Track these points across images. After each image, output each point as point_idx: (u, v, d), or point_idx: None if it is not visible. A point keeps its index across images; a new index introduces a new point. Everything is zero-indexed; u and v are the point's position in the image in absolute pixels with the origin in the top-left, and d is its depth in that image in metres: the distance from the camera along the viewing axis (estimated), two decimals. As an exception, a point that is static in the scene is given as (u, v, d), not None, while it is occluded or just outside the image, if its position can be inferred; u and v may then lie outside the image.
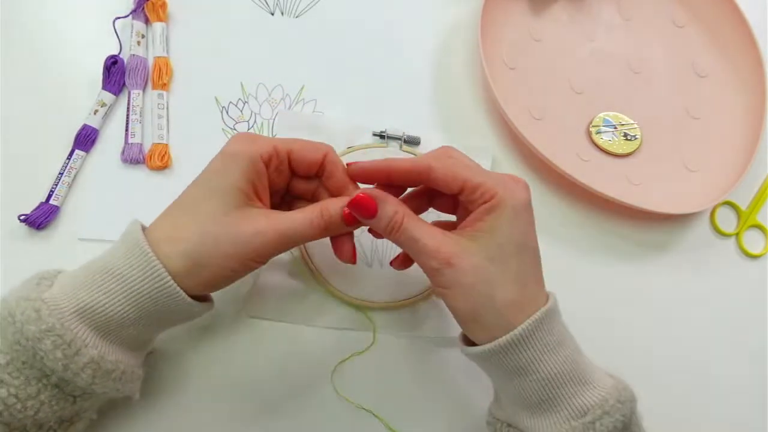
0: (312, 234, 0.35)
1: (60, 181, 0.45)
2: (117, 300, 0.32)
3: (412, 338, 0.46)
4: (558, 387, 0.33)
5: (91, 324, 0.31)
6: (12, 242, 0.44)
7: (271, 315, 0.44)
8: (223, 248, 0.33)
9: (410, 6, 0.56)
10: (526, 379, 0.33)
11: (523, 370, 0.33)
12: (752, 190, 0.56)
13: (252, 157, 0.34)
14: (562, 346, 0.33)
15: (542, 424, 0.33)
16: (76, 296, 0.31)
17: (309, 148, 0.36)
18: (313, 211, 0.35)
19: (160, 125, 0.48)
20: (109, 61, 0.48)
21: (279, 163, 0.36)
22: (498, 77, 0.52)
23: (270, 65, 0.52)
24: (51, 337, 0.30)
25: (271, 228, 0.33)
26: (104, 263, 0.33)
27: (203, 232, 0.33)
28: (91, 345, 0.31)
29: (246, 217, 0.33)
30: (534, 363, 0.33)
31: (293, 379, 0.43)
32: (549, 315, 0.33)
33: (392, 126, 0.50)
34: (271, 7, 0.54)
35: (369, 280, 0.45)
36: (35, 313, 0.30)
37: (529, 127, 0.50)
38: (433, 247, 0.33)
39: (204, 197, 0.34)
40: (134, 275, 0.32)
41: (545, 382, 0.33)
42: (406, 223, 0.34)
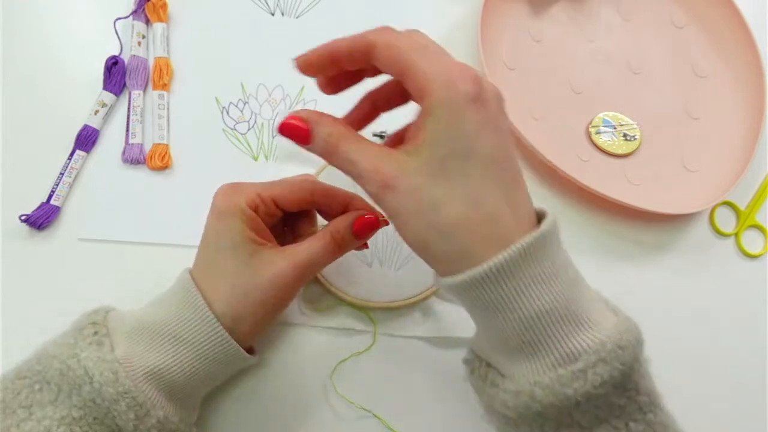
0: (329, 258, 0.36)
1: (61, 181, 0.45)
2: (185, 363, 0.33)
3: (412, 339, 0.46)
4: (543, 328, 0.27)
5: (159, 384, 0.33)
6: (13, 242, 0.44)
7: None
8: (253, 297, 0.34)
9: (410, 6, 0.56)
10: (503, 318, 0.28)
11: (500, 307, 0.28)
12: (751, 190, 0.56)
13: (241, 209, 0.35)
14: (553, 281, 0.28)
15: (523, 370, 0.28)
16: (145, 358, 0.33)
17: (293, 190, 0.37)
18: (324, 237, 0.36)
19: (161, 125, 0.48)
20: (110, 62, 0.48)
21: (266, 208, 0.36)
22: (498, 78, 0.52)
23: (270, 66, 0.52)
24: (126, 399, 0.31)
25: (290, 264, 0.34)
26: (167, 324, 0.34)
27: (234, 288, 0.34)
28: (159, 406, 0.32)
29: (264, 262, 0.34)
30: (512, 300, 0.27)
31: (293, 379, 0.43)
32: (532, 246, 0.27)
33: (392, 127, 0.50)
34: (272, 8, 0.54)
35: (369, 280, 0.45)
36: (113, 375, 0.31)
37: (528, 128, 0.50)
38: (370, 168, 0.28)
39: (220, 256, 0.35)
40: (200, 340, 0.33)
41: (527, 322, 0.27)
42: (342, 145, 0.30)
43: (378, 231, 0.38)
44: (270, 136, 0.50)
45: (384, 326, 0.45)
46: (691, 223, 0.54)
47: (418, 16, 0.56)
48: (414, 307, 0.46)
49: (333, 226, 0.36)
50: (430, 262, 0.30)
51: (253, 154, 0.49)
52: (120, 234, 0.45)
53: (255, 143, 0.49)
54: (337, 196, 0.38)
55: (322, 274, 0.44)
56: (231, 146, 0.49)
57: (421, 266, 0.45)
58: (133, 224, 0.45)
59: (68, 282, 0.43)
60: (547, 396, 0.27)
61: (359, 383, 0.44)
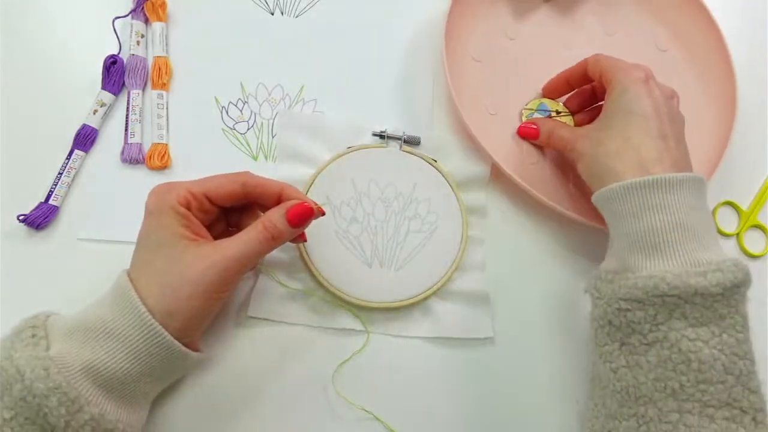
0: (262, 249, 0.37)
1: (59, 181, 0.45)
2: (119, 358, 0.33)
3: (412, 339, 0.46)
4: (682, 236, 0.36)
5: (95, 381, 0.33)
6: (11, 243, 0.44)
7: (271, 315, 0.44)
8: (184, 292, 0.34)
9: (410, 5, 0.56)
10: (655, 218, 0.36)
11: (654, 209, 0.37)
12: (753, 191, 0.56)
13: (173, 207, 0.36)
14: (698, 211, 0.37)
15: (657, 265, 0.36)
16: (80, 355, 0.33)
17: (224, 183, 0.38)
18: (256, 228, 0.37)
19: (160, 125, 0.48)
20: (109, 61, 0.48)
21: (199, 204, 0.37)
22: (460, 68, 0.51)
23: (270, 65, 0.52)
24: (57, 394, 0.31)
25: (221, 256, 0.35)
26: (102, 321, 0.34)
27: (163, 286, 0.35)
28: (93, 403, 0.32)
29: (195, 256, 0.35)
30: (667, 207, 0.36)
31: (293, 380, 0.43)
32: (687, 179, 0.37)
33: (392, 125, 0.50)
34: (271, 7, 0.54)
35: (369, 281, 0.45)
36: (44, 372, 0.31)
37: (480, 123, 0.49)
38: (569, 138, 0.46)
39: (152, 255, 0.36)
40: (133, 334, 0.34)
41: (674, 227, 0.36)
42: (555, 130, 0.48)
43: (313, 220, 0.39)
44: (269, 135, 0.50)
45: (384, 327, 0.45)
46: None
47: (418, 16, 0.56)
48: (414, 308, 0.46)
49: (266, 217, 0.37)
50: (594, 186, 0.42)
51: (252, 154, 0.49)
52: (119, 234, 0.45)
53: (254, 143, 0.49)
54: (269, 187, 0.39)
55: (321, 274, 0.44)
56: (230, 146, 0.49)
57: (420, 266, 0.46)
58: (132, 224, 0.44)
59: (67, 282, 0.43)
60: (674, 280, 0.34)
61: (359, 384, 0.44)
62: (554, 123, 0.49)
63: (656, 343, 0.35)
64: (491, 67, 0.54)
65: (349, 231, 0.46)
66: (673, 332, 0.35)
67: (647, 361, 0.35)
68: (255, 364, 0.43)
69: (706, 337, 0.34)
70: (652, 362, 0.35)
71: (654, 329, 0.35)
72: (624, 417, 0.36)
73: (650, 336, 0.35)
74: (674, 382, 0.34)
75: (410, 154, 0.49)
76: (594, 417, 0.39)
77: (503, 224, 0.50)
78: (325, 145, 0.49)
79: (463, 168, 0.50)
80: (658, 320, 0.35)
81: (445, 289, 0.46)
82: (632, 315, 0.36)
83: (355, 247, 0.46)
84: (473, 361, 0.46)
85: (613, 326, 0.37)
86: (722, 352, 0.34)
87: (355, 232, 0.46)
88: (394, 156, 0.49)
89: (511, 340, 0.47)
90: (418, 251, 0.47)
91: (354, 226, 0.46)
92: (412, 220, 0.47)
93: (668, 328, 0.35)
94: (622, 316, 0.36)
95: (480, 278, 0.47)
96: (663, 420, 0.34)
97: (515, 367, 0.46)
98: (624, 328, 0.37)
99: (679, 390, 0.34)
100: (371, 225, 0.47)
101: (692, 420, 0.33)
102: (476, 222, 0.49)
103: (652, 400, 0.35)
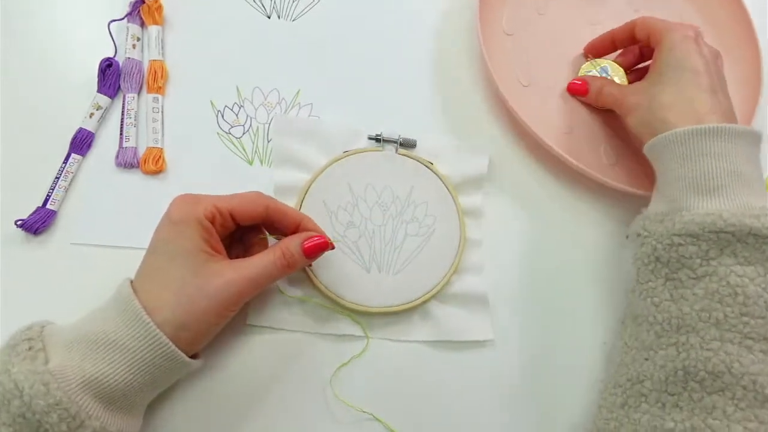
0: (277, 274, 0.38)
1: (56, 185, 0.45)
2: (122, 370, 0.33)
3: (412, 343, 0.45)
4: (737, 182, 0.38)
5: (96, 394, 0.32)
6: (9, 248, 0.44)
7: (270, 323, 0.44)
8: (199, 306, 0.35)
9: (406, 8, 0.56)
10: (712, 163, 0.38)
11: (711, 156, 0.39)
12: None
13: (199, 219, 0.36)
14: (751, 162, 0.39)
15: (713, 205, 0.38)
16: (81, 368, 0.32)
17: (249, 204, 0.39)
18: (275, 253, 0.38)
19: (155, 129, 0.48)
20: (104, 64, 0.48)
21: (223, 221, 0.38)
22: (493, 40, 0.53)
23: (266, 69, 0.51)
24: (58, 410, 0.30)
25: (240, 276, 0.36)
26: (104, 333, 0.33)
27: (179, 296, 0.35)
28: (94, 417, 0.32)
29: (213, 272, 0.36)
30: (723, 155, 0.38)
31: (294, 386, 0.43)
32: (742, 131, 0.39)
33: (389, 129, 0.50)
34: (268, 11, 0.54)
35: (367, 286, 0.45)
36: (44, 387, 0.31)
37: (515, 94, 0.50)
38: (619, 94, 0.48)
39: (169, 264, 0.36)
40: (138, 346, 0.33)
41: (730, 173, 0.38)
42: (605, 88, 0.50)
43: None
44: (265, 139, 0.49)
45: (383, 331, 0.45)
46: None
47: (414, 19, 0.56)
48: (413, 312, 0.46)
49: (284, 244, 0.39)
50: (646, 138, 0.44)
51: (247, 158, 0.49)
52: (113, 239, 0.44)
53: (250, 147, 0.49)
54: (290, 215, 0.40)
55: (319, 280, 0.44)
56: (226, 150, 0.49)
57: (418, 270, 0.46)
58: (127, 229, 0.45)
59: (66, 287, 0.43)
60: (731, 218, 0.36)
61: (360, 388, 0.43)
62: (603, 80, 0.51)
63: (705, 276, 0.37)
64: (522, 40, 0.56)
65: (346, 236, 0.46)
66: (723, 267, 0.36)
67: (693, 294, 0.37)
68: (255, 372, 0.43)
69: (753, 275, 0.36)
70: (699, 294, 0.37)
71: (705, 264, 0.37)
72: (662, 347, 0.37)
73: (700, 270, 0.37)
74: (719, 312, 0.36)
75: (406, 157, 0.49)
76: (624, 353, 0.41)
77: (500, 225, 0.50)
78: (320, 150, 0.49)
79: (460, 170, 0.50)
80: (710, 255, 0.37)
81: (443, 292, 0.46)
82: (684, 249, 0.38)
83: (353, 252, 0.46)
84: (474, 363, 0.45)
85: (660, 263, 0.39)
86: (765, 290, 0.36)
87: (352, 236, 0.46)
88: (390, 159, 0.49)
89: (512, 342, 0.47)
90: (416, 255, 0.46)
91: (351, 231, 0.46)
92: (409, 223, 0.47)
93: (718, 264, 0.37)
94: (674, 251, 0.38)
95: (478, 280, 0.47)
96: (704, 347, 0.35)
97: (516, 369, 0.46)
98: (673, 263, 0.38)
99: (723, 320, 0.36)
100: (369, 229, 0.47)
101: (732, 349, 0.35)
102: (473, 224, 0.49)
103: (695, 329, 0.36)
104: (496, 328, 0.46)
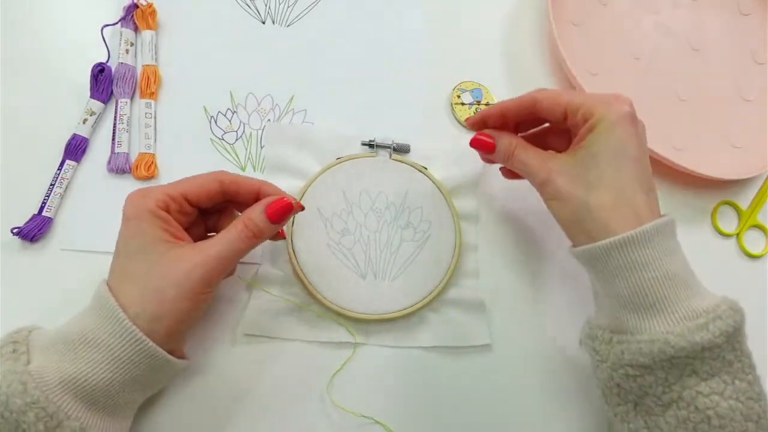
0: (245, 246, 0.36)
1: (52, 192, 0.44)
2: (100, 368, 0.33)
3: (409, 349, 0.45)
4: (673, 288, 0.35)
5: (77, 394, 0.32)
6: (5, 256, 0.43)
7: (265, 332, 0.44)
8: (169, 294, 0.34)
9: (400, 15, 0.56)
10: (640, 276, 0.35)
11: (640, 267, 0.35)
12: (753, 190, 0.56)
13: (152, 211, 0.36)
14: (676, 254, 0.36)
15: (655, 325, 0.35)
16: (60, 368, 0.32)
17: (201, 183, 0.38)
18: (236, 226, 0.37)
19: (148, 134, 0.47)
20: (96, 69, 0.48)
21: (178, 206, 0.37)
22: (561, 30, 0.54)
23: (260, 75, 0.51)
24: (35, 409, 0.30)
25: (204, 257, 0.35)
26: (82, 332, 0.33)
27: (146, 289, 0.34)
28: (73, 417, 0.32)
29: (176, 258, 0.35)
30: (651, 262, 0.35)
31: (291, 395, 0.43)
32: (665, 226, 0.36)
33: (382, 135, 0.49)
34: (263, 16, 0.54)
35: (364, 293, 0.45)
36: (21, 386, 0.31)
37: (585, 81, 0.52)
38: (538, 165, 0.40)
39: (132, 261, 0.35)
40: (114, 343, 0.33)
41: (663, 280, 0.35)
42: (518, 151, 0.41)
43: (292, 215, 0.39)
44: (258, 146, 0.49)
45: (381, 338, 0.45)
46: (693, 223, 0.54)
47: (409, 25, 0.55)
48: (410, 318, 0.46)
49: (246, 215, 0.37)
50: (575, 235, 0.39)
51: (240, 165, 0.48)
52: (106, 245, 0.43)
53: (243, 153, 0.49)
54: (246, 184, 0.39)
55: (315, 288, 0.44)
56: (218, 156, 0.48)
57: (415, 276, 0.45)
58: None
59: (61, 294, 0.42)
60: (679, 341, 0.33)
61: (358, 395, 0.43)
62: (517, 141, 0.42)
63: (672, 403, 0.35)
64: (587, 30, 0.58)
65: (341, 243, 0.46)
66: (687, 390, 0.34)
67: (666, 422, 0.35)
68: (251, 381, 0.43)
69: (720, 389, 0.34)
70: (671, 423, 0.35)
71: (667, 390, 0.35)
72: None
73: (665, 397, 0.35)
74: None
75: (400, 163, 0.49)
76: None
77: (495, 229, 0.50)
78: (314, 157, 0.49)
79: (454, 174, 0.49)
80: (670, 381, 0.35)
81: (440, 297, 0.46)
82: (642, 380, 0.35)
83: (349, 259, 0.45)
84: (471, 368, 0.45)
85: (623, 389, 0.36)
86: (738, 401, 0.34)
87: (347, 243, 0.46)
88: (384, 165, 0.48)
89: (509, 346, 0.46)
90: (412, 260, 0.46)
91: (346, 238, 0.46)
92: (404, 229, 0.47)
93: (681, 387, 0.34)
94: (632, 381, 0.36)
95: (475, 285, 0.47)
96: None
97: (513, 373, 0.46)
98: (636, 390, 0.36)
99: None
100: (364, 236, 0.46)
101: None
102: (469, 228, 0.49)
103: None
104: (494, 332, 0.46)
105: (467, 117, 0.44)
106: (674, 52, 0.59)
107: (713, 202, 0.55)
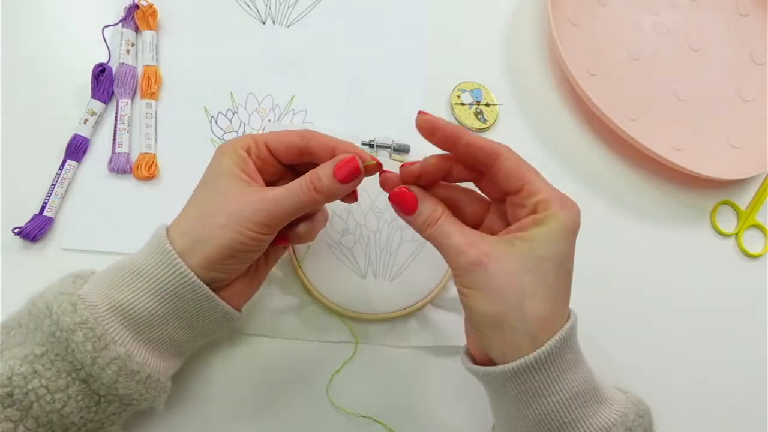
0: (305, 198, 0.35)
1: (53, 192, 0.44)
2: (146, 297, 0.34)
3: (410, 348, 0.45)
4: (579, 407, 0.32)
5: (123, 320, 0.33)
6: (7, 256, 0.43)
7: (266, 331, 0.44)
8: (218, 220, 0.34)
9: (401, 15, 0.56)
10: (546, 402, 0.31)
11: (545, 392, 0.31)
12: (752, 190, 0.56)
13: (234, 149, 0.36)
14: (579, 364, 0.33)
15: None
16: (108, 294, 0.33)
17: (284, 134, 0.38)
18: (303, 179, 0.35)
19: (148, 135, 0.47)
20: (97, 69, 0.48)
21: (258, 151, 0.37)
22: (561, 30, 0.54)
23: (260, 75, 0.51)
24: (83, 329, 0.31)
25: (262, 196, 0.34)
26: (132, 263, 0.35)
27: (202, 212, 0.35)
28: (120, 342, 0.33)
29: (240, 192, 0.35)
30: (556, 383, 0.31)
31: (291, 394, 0.43)
32: (573, 330, 0.33)
33: (382, 135, 0.50)
34: (263, 16, 0.54)
35: (364, 293, 0.45)
36: (71, 306, 0.32)
37: (584, 81, 0.52)
38: (465, 243, 0.32)
39: (201, 189, 0.37)
40: (157, 272, 0.34)
41: (567, 403, 0.31)
42: (443, 220, 0.34)
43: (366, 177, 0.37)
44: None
45: (381, 338, 0.45)
46: (692, 223, 0.54)
47: (409, 26, 0.55)
48: (410, 317, 0.46)
49: (315, 170, 0.36)
50: (491, 337, 0.33)
51: (241, 164, 0.48)
52: (106, 245, 0.44)
53: (244, 153, 0.49)
54: (325, 141, 0.37)
55: (314, 287, 0.44)
56: (219, 156, 0.48)
57: (415, 276, 0.45)
58: (119, 235, 0.45)
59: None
60: None
61: (357, 394, 0.43)
62: (442, 209, 0.34)
63: None
64: (586, 30, 0.58)
65: (341, 243, 0.46)
66: None
67: None
68: (251, 381, 0.43)
69: None
70: None
71: None
72: None
73: None
74: None
75: (400, 163, 0.49)
76: None
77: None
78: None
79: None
80: None
81: (440, 297, 0.46)
82: None
83: (349, 258, 0.46)
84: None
85: None
86: None
87: (347, 243, 0.46)
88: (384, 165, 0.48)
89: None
90: (412, 260, 0.46)
91: (346, 238, 0.46)
92: (404, 229, 0.47)
93: None
94: None
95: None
96: None
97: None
98: None
99: None
100: (364, 236, 0.46)
101: None
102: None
103: None
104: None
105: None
106: (673, 53, 0.60)
107: (712, 202, 0.55)
